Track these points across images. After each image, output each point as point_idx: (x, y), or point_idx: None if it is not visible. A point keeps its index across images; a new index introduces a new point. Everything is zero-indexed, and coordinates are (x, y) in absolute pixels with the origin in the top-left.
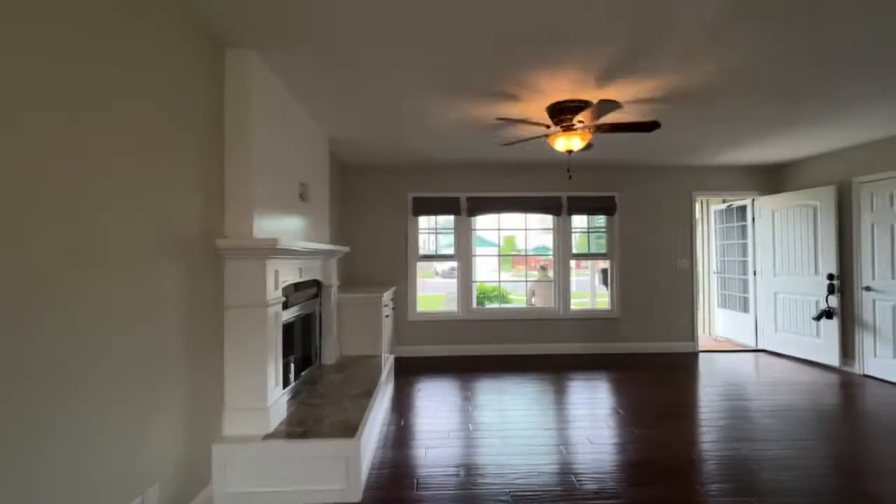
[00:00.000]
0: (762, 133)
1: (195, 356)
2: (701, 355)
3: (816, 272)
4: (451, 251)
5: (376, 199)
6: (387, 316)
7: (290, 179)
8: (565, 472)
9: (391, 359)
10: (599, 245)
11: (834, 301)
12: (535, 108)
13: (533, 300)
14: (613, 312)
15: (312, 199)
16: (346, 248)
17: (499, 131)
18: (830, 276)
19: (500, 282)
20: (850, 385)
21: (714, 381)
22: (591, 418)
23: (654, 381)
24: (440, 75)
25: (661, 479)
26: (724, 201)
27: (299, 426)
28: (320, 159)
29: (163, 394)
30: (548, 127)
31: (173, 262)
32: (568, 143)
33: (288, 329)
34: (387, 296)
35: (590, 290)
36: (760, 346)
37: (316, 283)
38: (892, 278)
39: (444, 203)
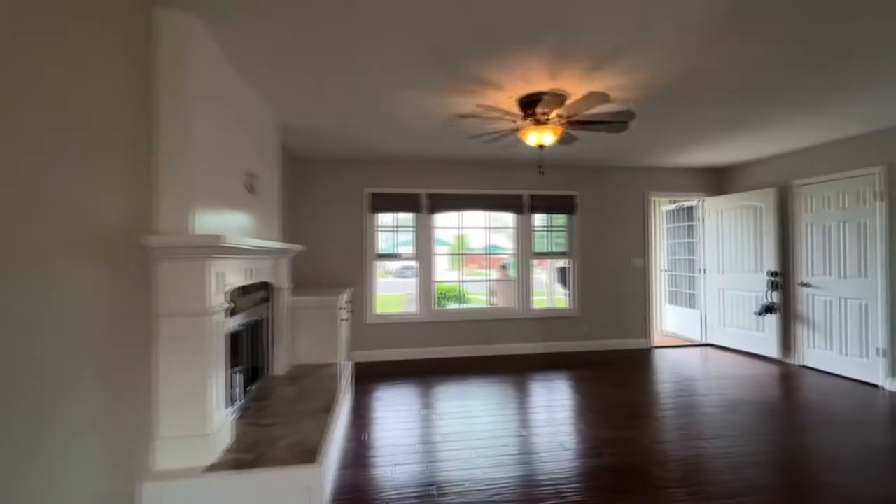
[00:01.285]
0: (714, 136)
1: (115, 377)
2: (655, 351)
3: (759, 269)
4: (410, 250)
5: (331, 195)
6: (344, 320)
7: (236, 167)
8: (546, 482)
9: (349, 366)
10: (558, 244)
11: (775, 297)
12: (502, 98)
13: (493, 300)
14: (573, 311)
15: (261, 192)
16: (298, 247)
17: (464, 123)
18: (772, 273)
19: (461, 281)
20: (791, 376)
21: (671, 377)
22: (562, 422)
23: (617, 379)
24: (405, 57)
25: (639, 485)
26: (673, 202)
27: (250, 452)
28: (270, 147)
29: (66, 428)
30: (520, 120)
31: (87, 263)
32: (539, 137)
33: (234, 338)
34: (344, 298)
35: (547, 289)
36: (707, 341)
37: (266, 286)
38: (826, 275)
39: (404, 199)
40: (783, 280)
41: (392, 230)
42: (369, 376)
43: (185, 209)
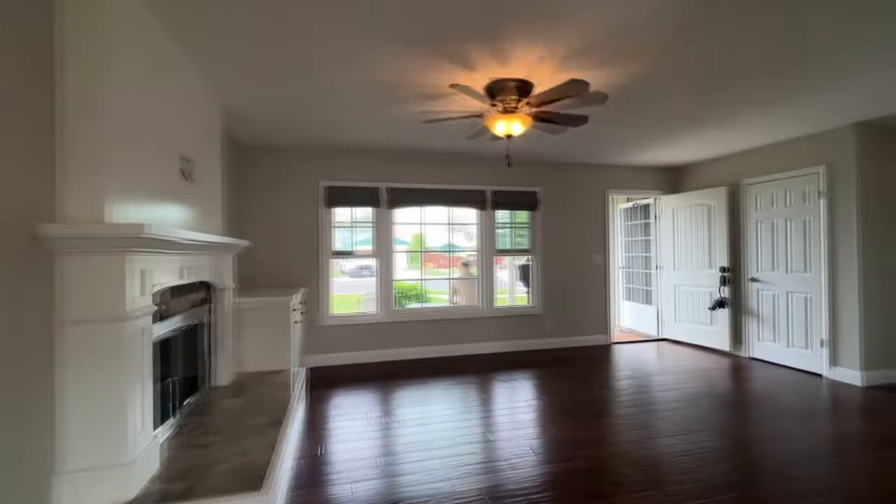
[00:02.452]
0: (671, 134)
1: (1, 401)
2: (614, 347)
3: (711, 265)
4: (369, 247)
5: (283, 187)
6: (297, 322)
7: (169, 151)
8: (518, 492)
9: (303, 372)
10: (520, 241)
11: (727, 292)
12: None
13: (456, 298)
14: (536, 309)
15: (200, 180)
16: (245, 242)
17: (431, 110)
18: (723, 269)
19: (423, 280)
20: (742, 368)
21: (633, 373)
22: (530, 424)
23: (581, 377)
24: (362, 31)
25: (614, 488)
26: (629, 200)
27: (182, 480)
28: (212, 132)
29: None
30: (482, 112)
31: None
32: (508, 126)
33: (165, 346)
34: (297, 298)
35: (509, 287)
36: (663, 336)
37: (205, 286)
38: (774, 270)
39: (362, 193)
40: (734, 276)
41: (349, 226)
42: (325, 382)
43: (99, 195)
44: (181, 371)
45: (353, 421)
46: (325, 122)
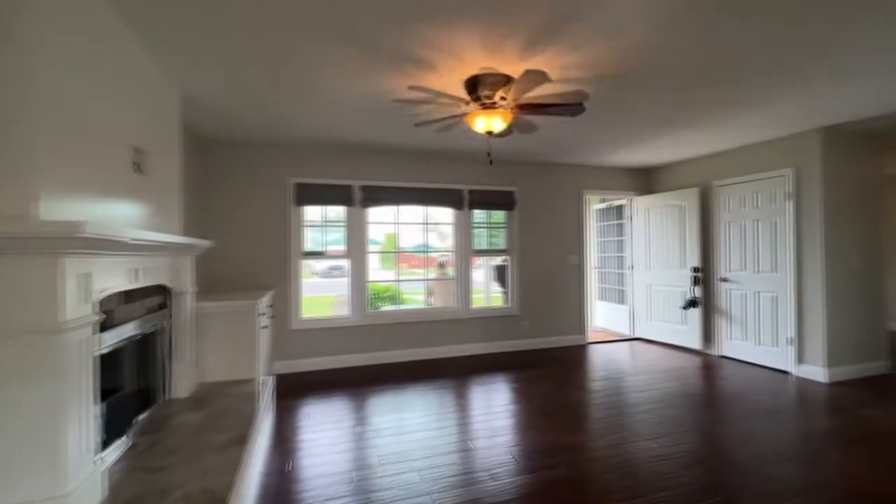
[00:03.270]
0: (646, 135)
1: None
2: (590, 347)
3: (683, 266)
4: (341, 247)
5: (250, 184)
6: (264, 327)
7: (117, 141)
8: None
9: (271, 381)
10: (495, 242)
11: (698, 291)
12: (448, 82)
13: (431, 300)
14: (513, 309)
15: (155, 174)
16: (207, 243)
17: (408, 108)
18: (695, 269)
19: (398, 281)
20: (713, 367)
21: (610, 373)
22: (511, 430)
23: (560, 378)
24: (333, 20)
25: (601, 497)
26: (603, 200)
27: None
28: (168, 122)
29: None
30: (467, 104)
31: None
32: (488, 123)
33: (114, 357)
34: (263, 302)
35: (485, 287)
36: (636, 335)
37: (162, 290)
38: (743, 270)
39: (335, 192)
40: (705, 275)
41: (321, 225)
42: (295, 390)
43: (25, 189)
44: (134, 384)
45: (324, 432)
46: (294, 117)
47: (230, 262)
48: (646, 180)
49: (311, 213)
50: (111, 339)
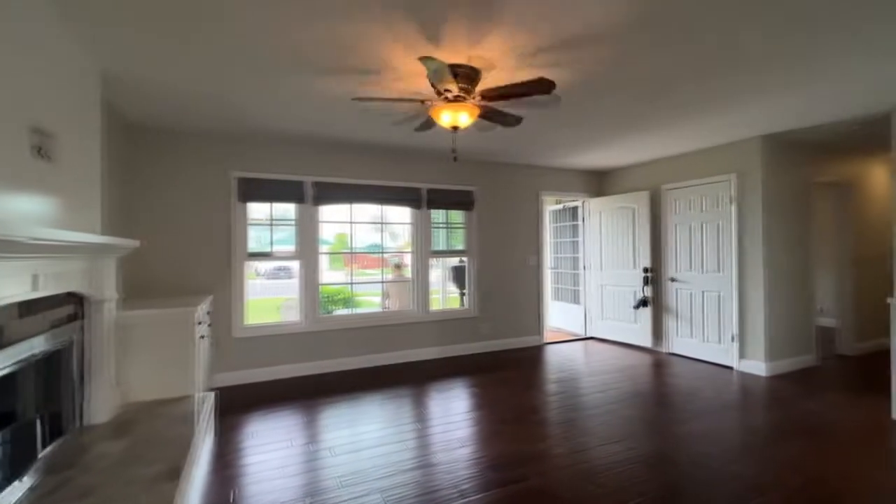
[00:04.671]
0: (602, 138)
1: None
2: (547, 347)
3: (635, 266)
4: (291, 248)
5: (187, 178)
6: (202, 336)
7: (9, 118)
8: None
9: (211, 397)
10: (453, 243)
11: (649, 291)
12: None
13: (388, 302)
14: (472, 311)
15: (65, 161)
16: (133, 243)
17: (366, 94)
18: (646, 270)
19: (351, 283)
20: (664, 364)
21: (568, 374)
22: (476, 439)
23: (520, 382)
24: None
25: None
26: (558, 202)
27: None
28: (84, 101)
29: None
30: (423, 103)
31: None
32: (454, 117)
33: (9, 382)
34: (202, 309)
35: (441, 288)
36: (589, 334)
37: (74, 299)
38: (690, 270)
39: (284, 187)
40: (655, 275)
41: (267, 224)
42: (239, 405)
43: None
44: (35, 411)
45: (273, 452)
46: (236, 104)
47: (164, 265)
48: (599, 183)
49: (258, 210)
50: (6, 361)
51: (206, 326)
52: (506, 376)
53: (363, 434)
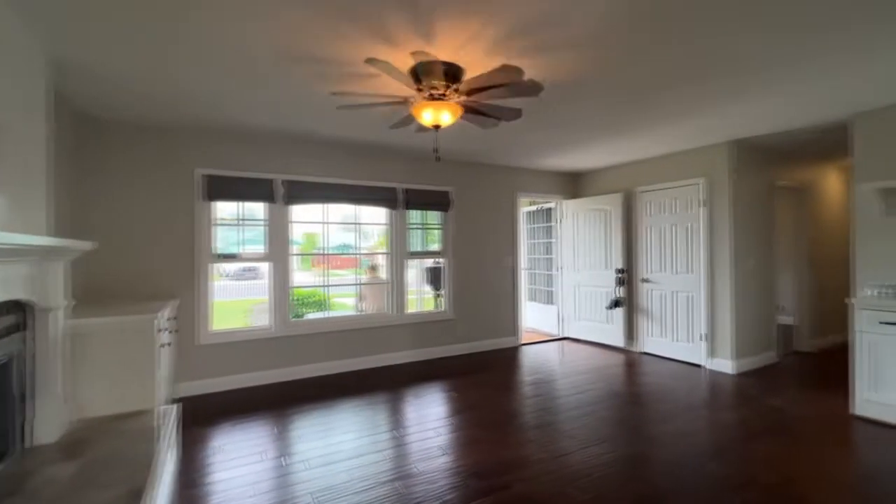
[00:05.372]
0: (579, 139)
1: None
2: (523, 349)
3: (609, 267)
4: (261, 249)
5: (147, 175)
6: (166, 344)
7: None
8: None
9: (175, 409)
10: (430, 244)
11: (622, 292)
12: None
13: (363, 305)
14: (448, 313)
15: (5, 155)
16: (85, 245)
17: (339, 84)
18: (619, 271)
19: (326, 286)
20: (637, 363)
21: (545, 376)
22: (456, 446)
23: (498, 385)
24: None
25: None
26: (532, 203)
27: None
28: (31, 90)
29: None
30: (403, 102)
31: None
32: (436, 115)
33: None
34: (164, 315)
35: (416, 289)
36: (564, 335)
37: (17, 308)
38: (662, 271)
39: (253, 186)
40: (628, 276)
41: (236, 224)
42: (206, 416)
43: None
44: None
45: (242, 467)
46: (201, 95)
47: (124, 268)
48: (574, 184)
49: (225, 209)
50: None
51: (169, 333)
52: (484, 379)
53: (339, 444)
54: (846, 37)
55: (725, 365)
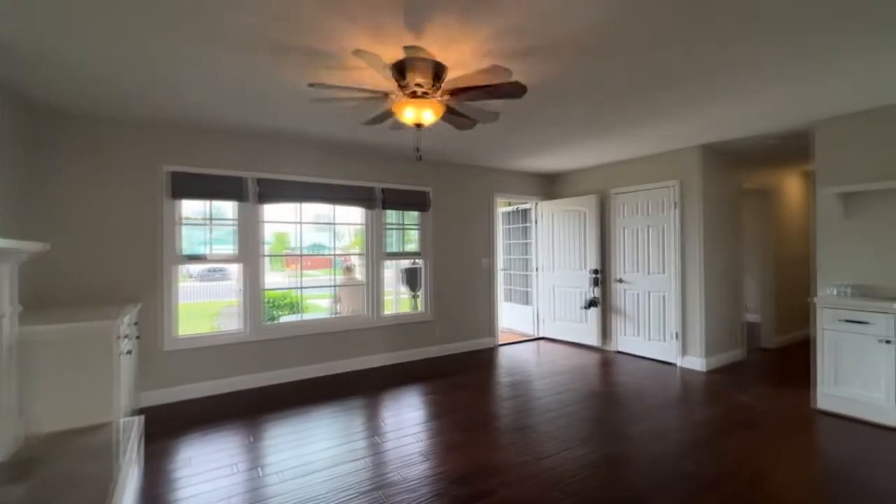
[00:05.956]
0: (557, 141)
1: None
2: (501, 349)
3: (584, 267)
4: (230, 249)
5: (107, 171)
6: (126, 352)
7: None
8: None
9: (137, 421)
10: (408, 244)
11: (597, 292)
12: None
13: (339, 307)
14: (427, 315)
15: None
16: (35, 245)
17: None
18: (594, 271)
19: (300, 288)
20: (612, 362)
21: (524, 377)
22: (438, 451)
23: (477, 387)
24: None
25: None
26: (509, 204)
27: None
28: None
29: None
30: (386, 96)
31: None
32: (418, 113)
33: None
34: (126, 321)
35: (393, 290)
36: (540, 335)
37: None
38: (636, 272)
39: (223, 184)
40: (603, 277)
41: (203, 224)
42: (173, 427)
43: None
44: None
45: (212, 481)
46: (167, 83)
47: (82, 271)
48: (550, 185)
49: (192, 207)
50: None
51: (130, 340)
52: (463, 381)
53: (316, 453)
54: (804, 46)
55: (696, 363)
